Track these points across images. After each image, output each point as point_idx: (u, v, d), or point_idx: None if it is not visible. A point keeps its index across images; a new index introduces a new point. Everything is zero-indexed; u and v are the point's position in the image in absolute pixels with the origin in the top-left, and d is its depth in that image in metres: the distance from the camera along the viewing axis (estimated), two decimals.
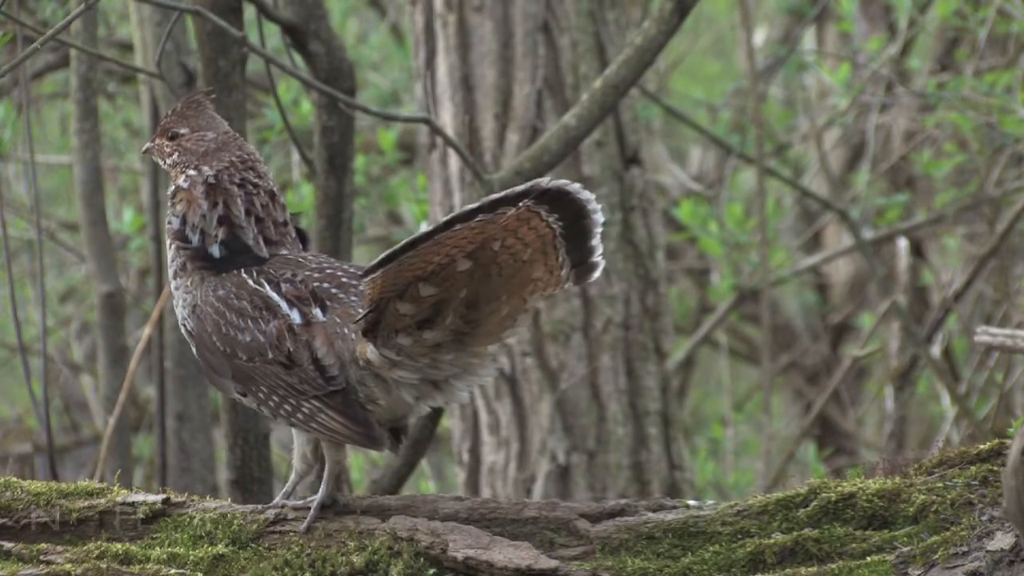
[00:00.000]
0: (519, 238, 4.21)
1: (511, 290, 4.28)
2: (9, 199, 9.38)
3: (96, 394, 9.26)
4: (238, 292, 4.46)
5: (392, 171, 10.00)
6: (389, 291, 4.23)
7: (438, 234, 4.12)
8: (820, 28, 11.57)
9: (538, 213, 4.18)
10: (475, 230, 4.14)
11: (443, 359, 4.33)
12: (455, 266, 4.20)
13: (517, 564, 4.20)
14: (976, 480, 4.32)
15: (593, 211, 4.24)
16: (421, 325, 4.29)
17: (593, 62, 7.82)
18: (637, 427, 7.82)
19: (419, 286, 4.23)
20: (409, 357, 4.31)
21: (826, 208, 9.87)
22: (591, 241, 4.27)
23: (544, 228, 4.20)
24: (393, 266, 4.16)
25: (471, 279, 4.23)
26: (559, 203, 4.19)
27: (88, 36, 6.89)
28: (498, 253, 4.21)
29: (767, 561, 4.25)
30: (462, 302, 4.26)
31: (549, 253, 4.25)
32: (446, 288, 4.24)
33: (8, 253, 6.60)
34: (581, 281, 4.31)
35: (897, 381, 8.76)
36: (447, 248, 4.16)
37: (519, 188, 4.14)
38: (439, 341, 4.30)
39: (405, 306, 4.26)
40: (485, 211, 4.12)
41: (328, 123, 6.20)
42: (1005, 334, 5.79)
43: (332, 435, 4.38)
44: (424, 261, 4.18)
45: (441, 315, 4.28)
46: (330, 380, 4.37)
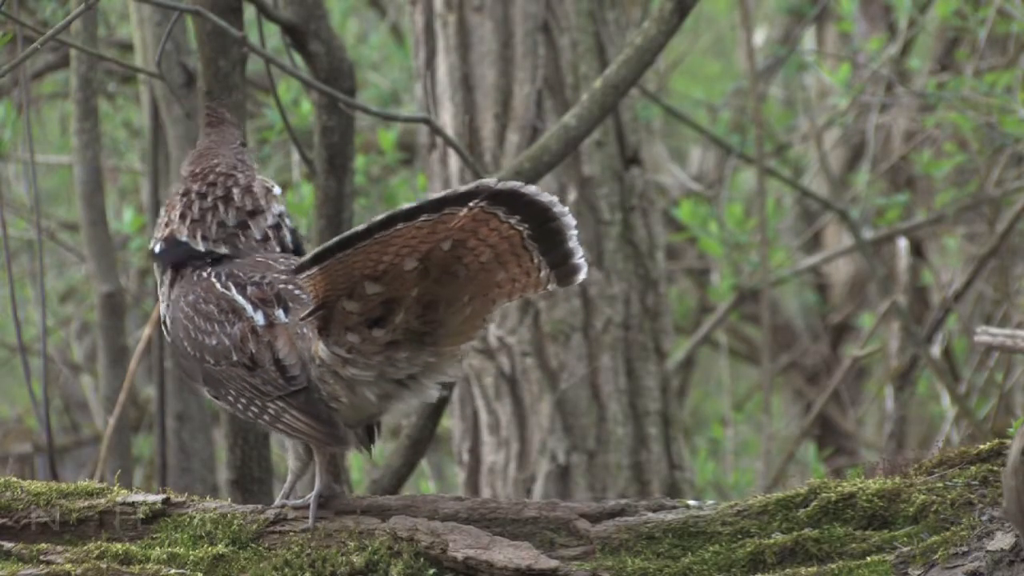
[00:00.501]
0: (480, 239, 4.21)
1: (475, 291, 4.29)
2: (9, 199, 9.38)
3: (96, 394, 9.26)
4: (206, 296, 4.52)
5: (392, 171, 10.00)
6: (335, 289, 4.23)
7: (377, 232, 4.12)
8: (820, 28, 11.57)
9: (495, 215, 4.18)
10: (423, 229, 4.14)
11: (398, 357, 4.34)
12: (402, 265, 4.20)
13: (517, 564, 4.20)
14: (976, 480, 4.32)
15: (560, 214, 4.25)
16: (372, 323, 4.29)
17: (593, 62, 7.82)
18: (637, 427, 7.82)
19: (365, 284, 4.23)
20: (361, 355, 4.32)
21: (826, 208, 9.88)
22: (567, 244, 4.27)
23: (508, 230, 4.21)
24: (332, 263, 4.16)
25: (423, 279, 4.24)
26: (517, 205, 4.19)
27: (88, 36, 6.89)
28: (454, 254, 4.21)
29: (767, 561, 4.25)
30: (415, 301, 4.27)
31: (520, 255, 4.26)
32: (394, 287, 4.24)
33: (8, 253, 6.60)
34: (565, 283, 4.31)
35: (897, 381, 8.76)
36: (393, 247, 4.16)
37: (462, 188, 4.14)
38: (393, 340, 4.31)
39: (352, 304, 4.26)
40: (428, 211, 4.12)
41: (328, 123, 6.20)
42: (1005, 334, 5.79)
43: (298, 435, 4.41)
44: (368, 259, 4.18)
45: (392, 314, 4.28)
46: (291, 380, 4.40)
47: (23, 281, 9.79)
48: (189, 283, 4.57)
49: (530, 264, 4.28)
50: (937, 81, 9.02)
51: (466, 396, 7.92)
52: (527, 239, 4.24)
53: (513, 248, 4.25)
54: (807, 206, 11.38)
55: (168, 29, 6.01)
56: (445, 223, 4.14)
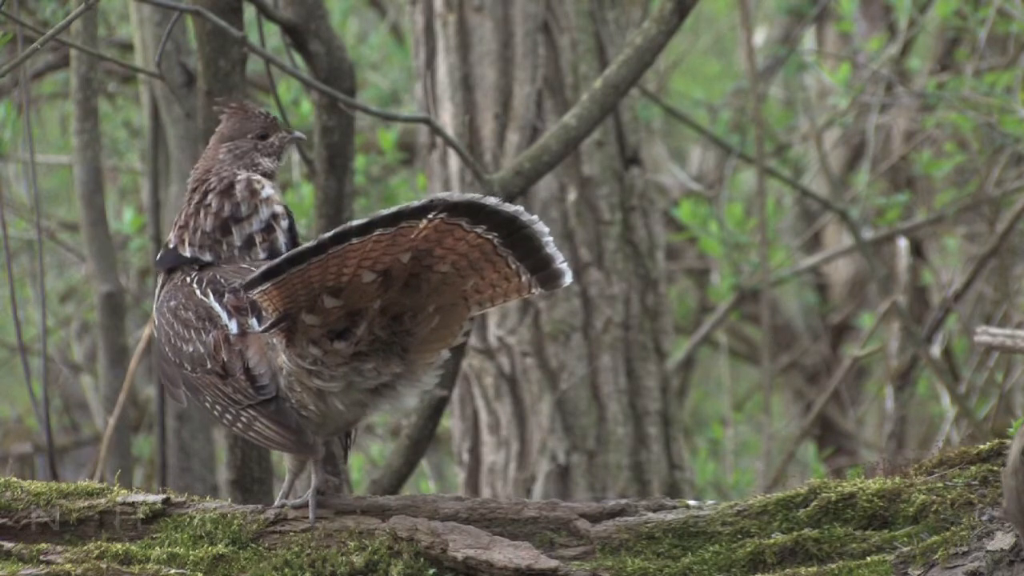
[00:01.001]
0: (448, 249, 4.21)
1: (442, 300, 4.30)
2: (9, 199, 9.38)
3: (96, 394, 9.25)
4: (186, 303, 4.52)
5: (392, 171, 10.00)
6: (294, 302, 4.24)
7: (330, 248, 4.12)
8: (820, 28, 11.57)
9: (458, 225, 4.18)
10: (380, 243, 4.14)
11: (365, 368, 4.34)
12: (360, 278, 4.20)
13: (517, 564, 4.20)
14: (976, 480, 4.32)
15: (530, 222, 4.24)
16: (336, 335, 4.29)
17: (593, 62, 7.82)
18: (637, 427, 7.82)
19: (324, 298, 4.23)
20: (326, 366, 4.32)
21: (826, 208, 9.87)
22: (544, 250, 4.28)
23: (476, 239, 4.21)
24: (286, 278, 4.16)
25: (385, 290, 4.24)
26: (480, 216, 4.19)
27: (88, 36, 6.89)
28: (418, 264, 4.22)
29: (767, 561, 4.25)
30: (379, 313, 4.27)
31: (496, 262, 4.26)
32: (354, 300, 4.24)
33: (8, 253, 6.60)
34: (550, 287, 4.32)
35: (897, 381, 8.76)
36: (352, 260, 4.16)
37: (415, 203, 4.14)
38: (358, 351, 4.31)
39: (312, 317, 4.27)
40: (382, 225, 4.11)
41: (328, 123, 6.19)
42: (1005, 334, 5.79)
43: (268, 443, 4.42)
44: (325, 274, 4.18)
45: (355, 326, 4.28)
46: (260, 389, 4.40)
47: (23, 281, 9.78)
48: (173, 288, 4.58)
49: (508, 270, 4.28)
50: (937, 81, 9.02)
51: (466, 396, 7.92)
52: (499, 246, 4.24)
53: (486, 256, 4.25)
54: (807, 206, 11.38)
55: (168, 29, 6.01)
56: (405, 235, 4.15)
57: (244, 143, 4.72)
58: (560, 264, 4.31)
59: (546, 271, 4.30)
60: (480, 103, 7.86)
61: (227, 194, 4.62)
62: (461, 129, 7.71)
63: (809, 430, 9.85)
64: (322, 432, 4.45)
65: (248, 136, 4.73)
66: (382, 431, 10.19)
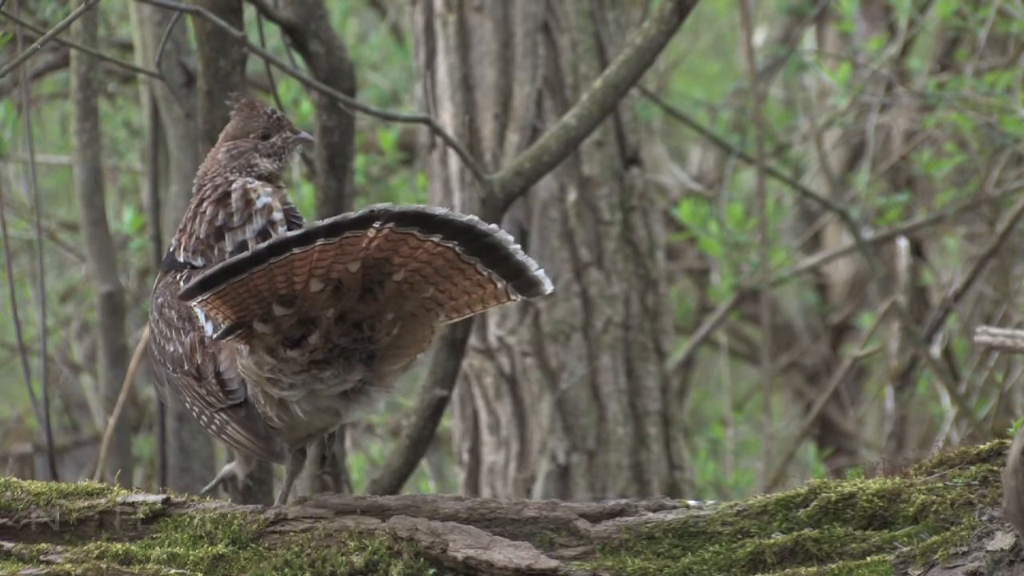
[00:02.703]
0: (405, 257, 4.19)
1: (401, 308, 4.28)
2: (9, 199, 9.38)
3: (96, 394, 9.25)
4: (170, 302, 4.52)
5: (392, 171, 10.00)
6: (245, 311, 4.23)
7: (270, 257, 4.10)
8: (820, 28, 11.57)
9: (411, 234, 4.15)
10: (327, 252, 4.12)
11: (324, 376, 4.33)
12: (309, 288, 4.19)
13: (517, 564, 4.20)
14: (976, 480, 4.32)
15: (489, 231, 4.22)
16: (293, 343, 4.28)
17: (593, 62, 7.82)
18: (637, 427, 7.82)
19: (274, 307, 4.22)
20: (284, 374, 4.32)
21: (826, 208, 9.87)
22: (514, 258, 4.26)
23: (434, 247, 4.19)
24: (227, 288, 4.15)
25: (337, 299, 4.23)
26: (432, 225, 4.16)
27: (88, 36, 6.89)
28: (374, 272, 4.20)
29: (767, 561, 4.25)
30: (336, 321, 4.26)
31: (464, 269, 4.24)
32: (306, 309, 4.23)
33: (8, 253, 6.60)
34: (529, 294, 4.30)
35: (897, 381, 8.76)
36: (300, 269, 4.14)
37: (352, 215, 4.10)
38: (315, 359, 4.30)
39: (263, 326, 4.26)
40: (324, 235, 4.08)
41: (328, 123, 6.19)
42: (1005, 334, 5.79)
43: (239, 447, 4.43)
44: (271, 283, 4.17)
45: (310, 334, 4.27)
46: (230, 394, 4.41)
47: (23, 281, 9.78)
48: (163, 286, 4.58)
49: (480, 276, 4.27)
50: (937, 81, 9.02)
51: (466, 396, 7.92)
52: (463, 254, 4.22)
53: (451, 263, 4.23)
54: (807, 206, 11.38)
55: (168, 29, 6.01)
56: (353, 245, 4.13)
57: (245, 143, 4.66)
58: (535, 272, 4.29)
59: (521, 278, 4.29)
60: (480, 103, 7.87)
61: (222, 203, 4.58)
62: (461, 129, 7.71)
63: (809, 430, 9.85)
64: (293, 438, 4.45)
65: (250, 136, 4.67)
66: (382, 431, 10.19)
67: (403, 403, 10.20)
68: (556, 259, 7.84)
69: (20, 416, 10.24)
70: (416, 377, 10.32)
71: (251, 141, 4.67)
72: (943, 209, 9.40)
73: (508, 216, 6.68)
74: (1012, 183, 9.15)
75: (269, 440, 4.39)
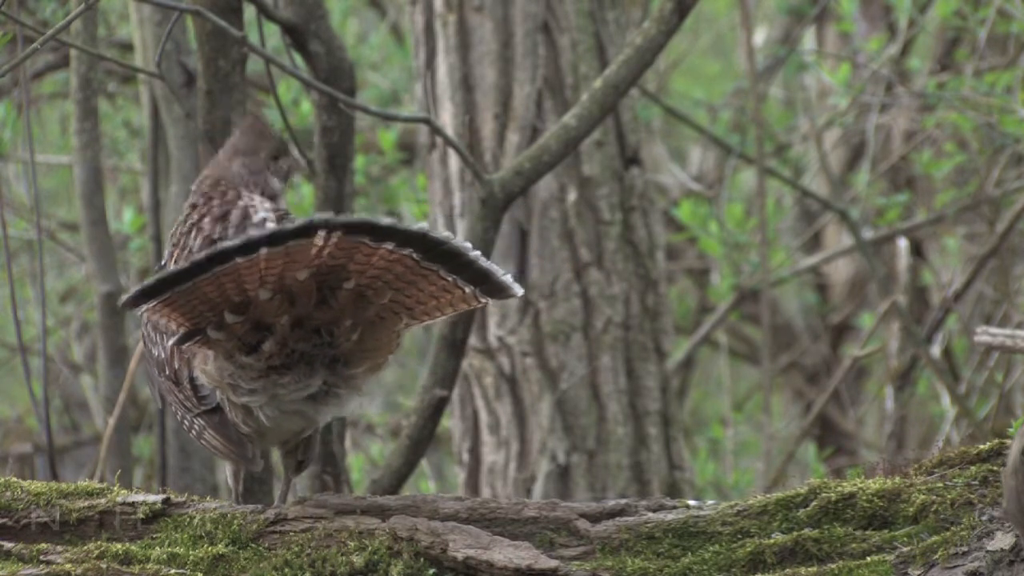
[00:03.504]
0: (362, 264, 4.18)
1: (363, 315, 4.28)
2: (9, 199, 9.38)
3: (96, 394, 9.25)
4: None
5: (392, 171, 10.00)
6: (199, 318, 4.23)
7: (213, 266, 4.10)
8: (820, 28, 11.57)
9: (362, 243, 4.15)
10: (275, 261, 4.12)
11: (283, 381, 4.32)
12: (258, 296, 4.20)
13: (517, 564, 4.20)
14: (976, 480, 4.32)
15: (443, 239, 4.21)
16: (247, 350, 4.29)
17: (593, 62, 7.82)
18: (637, 427, 7.82)
19: (224, 314, 4.23)
20: (242, 380, 4.33)
21: (826, 208, 9.87)
22: (476, 264, 4.26)
23: (391, 255, 4.18)
24: (173, 296, 4.16)
25: (291, 306, 4.23)
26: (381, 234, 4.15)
27: (88, 36, 6.89)
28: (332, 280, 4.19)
29: (767, 561, 4.25)
30: (292, 327, 4.26)
31: (427, 275, 4.24)
32: (258, 316, 4.23)
33: (8, 253, 6.60)
34: (499, 297, 4.31)
35: (897, 381, 8.76)
36: (250, 276, 4.14)
37: (291, 225, 4.09)
38: (274, 365, 4.30)
39: (217, 333, 4.27)
40: (267, 244, 4.08)
41: (328, 123, 6.19)
42: (1005, 334, 5.79)
43: (215, 452, 4.45)
44: (220, 290, 4.17)
45: (264, 341, 4.27)
46: (202, 399, 4.42)
47: (23, 281, 9.78)
48: None
49: (445, 282, 4.27)
50: (937, 81, 9.02)
51: (466, 396, 7.92)
52: (422, 261, 4.22)
53: (411, 270, 4.23)
54: (807, 206, 11.38)
55: (168, 29, 6.00)
56: (302, 253, 4.13)
57: (258, 161, 4.67)
58: (502, 278, 4.29)
59: (488, 283, 4.30)
60: (480, 103, 7.87)
61: (222, 220, 4.58)
62: (461, 129, 7.71)
63: (809, 430, 9.85)
64: (266, 442, 4.46)
65: (260, 154, 4.69)
66: (382, 431, 10.19)
67: (403, 403, 10.20)
68: (556, 259, 7.84)
69: (20, 416, 10.24)
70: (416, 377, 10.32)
71: (263, 160, 4.69)
72: (943, 209, 9.40)
73: (508, 216, 6.67)
74: (1012, 183, 9.15)
75: (241, 444, 4.41)
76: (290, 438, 4.49)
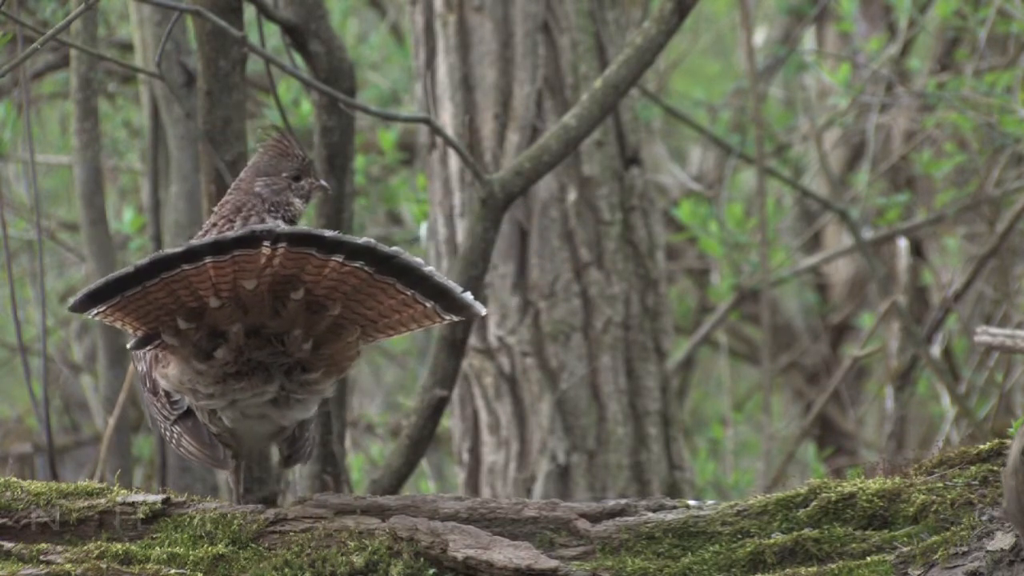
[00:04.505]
0: (314, 276, 4.17)
1: (314, 326, 4.26)
2: (9, 199, 9.38)
3: (96, 394, 9.25)
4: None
5: (392, 171, 10.01)
6: (154, 323, 4.24)
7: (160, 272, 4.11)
8: (820, 28, 11.57)
9: (310, 254, 4.13)
10: (224, 270, 4.12)
11: (238, 387, 4.33)
12: (208, 303, 4.20)
13: (517, 564, 4.20)
14: (976, 480, 4.32)
15: (391, 253, 4.19)
16: (202, 357, 4.28)
17: (593, 62, 7.82)
18: (637, 427, 7.82)
19: (176, 320, 4.23)
20: (200, 385, 4.33)
21: (826, 208, 9.87)
22: (433, 279, 4.23)
23: (341, 267, 4.17)
24: (122, 302, 4.16)
25: (243, 314, 4.23)
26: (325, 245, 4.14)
27: (88, 36, 6.89)
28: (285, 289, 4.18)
29: (767, 561, 4.25)
30: (245, 336, 4.25)
31: (385, 288, 4.22)
32: (211, 323, 4.24)
33: (8, 253, 6.60)
34: (462, 315, 4.29)
35: (897, 381, 8.76)
36: (201, 285, 4.14)
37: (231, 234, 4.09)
38: (229, 372, 4.30)
39: (172, 339, 4.28)
40: (211, 252, 4.08)
41: (328, 123, 6.19)
42: (1005, 334, 5.80)
43: (191, 457, 4.46)
44: (171, 296, 4.18)
45: (217, 348, 4.27)
46: (173, 405, 4.44)
47: (23, 281, 9.78)
48: None
49: (404, 296, 4.25)
50: (937, 81, 9.03)
51: (466, 396, 7.92)
52: (376, 275, 4.20)
53: (366, 283, 4.21)
54: (807, 206, 11.38)
55: (168, 29, 6.01)
56: (250, 263, 4.13)
57: (279, 181, 4.66)
58: (462, 295, 4.26)
59: (447, 300, 4.27)
60: (480, 103, 7.87)
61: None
62: (461, 129, 7.71)
63: (809, 430, 9.85)
64: (242, 445, 4.46)
65: (282, 175, 4.67)
66: (382, 431, 10.19)
67: (403, 403, 10.20)
68: (556, 259, 7.84)
69: (20, 416, 10.24)
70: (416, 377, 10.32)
71: (285, 180, 4.67)
72: (943, 209, 9.40)
73: (508, 216, 6.67)
74: (1012, 183, 9.15)
75: (213, 447, 4.42)
76: (266, 439, 4.49)
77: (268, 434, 4.46)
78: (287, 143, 4.70)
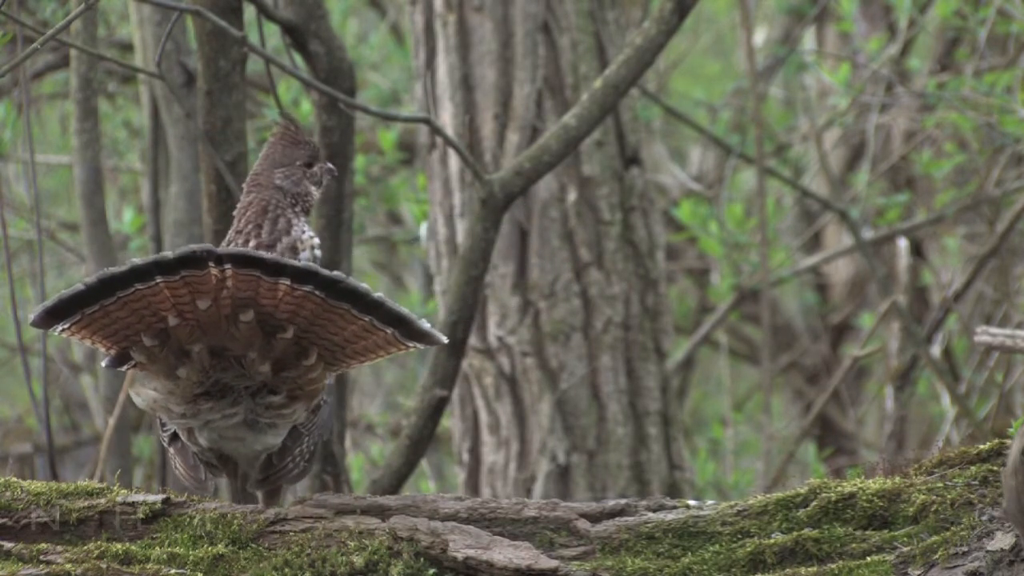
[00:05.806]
0: (269, 300, 4.13)
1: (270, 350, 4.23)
2: (9, 199, 9.38)
3: (96, 394, 9.25)
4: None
5: (392, 171, 10.01)
6: (119, 340, 4.22)
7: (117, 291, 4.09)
8: (820, 28, 11.57)
9: (257, 276, 4.09)
10: (178, 288, 4.10)
11: (205, 408, 4.31)
12: (168, 322, 4.17)
13: (517, 564, 4.20)
14: (976, 480, 4.32)
15: (335, 278, 4.13)
16: (168, 375, 4.26)
17: (593, 62, 7.82)
18: (637, 427, 7.82)
19: (142, 338, 4.21)
20: (172, 403, 4.30)
21: (826, 208, 9.88)
22: (387, 306, 4.17)
23: (291, 291, 4.12)
24: (84, 320, 4.14)
25: (202, 334, 4.20)
26: (268, 268, 4.10)
27: (88, 36, 6.89)
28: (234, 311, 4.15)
29: (767, 561, 4.25)
30: (209, 356, 4.23)
31: (342, 314, 4.17)
32: (174, 342, 4.22)
33: (8, 253, 6.60)
34: (424, 343, 4.24)
35: (897, 381, 8.76)
36: (160, 304, 4.13)
37: (172, 253, 4.06)
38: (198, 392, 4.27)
39: (139, 356, 4.26)
40: (160, 272, 4.07)
41: (328, 123, 6.19)
42: (1005, 334, 5.80)
43: (182, 477, 4.44)
44: (133, 315, 4.15)
45: (181, 366, 4.25)
46: (162, 426, 4.44)
47: (23, 281, 9.78)
48: None
49: (362, 322, 4.19)
50: (937, 81, 9.03)
51: (466, 396, 7.92)
52: (330, 299, 4.15)
53: (321, 307, 4.16)
54: (807, 206, 11.39)
55: (168, 29, 6.01)
56: (203, 283, 4.10)
57: (296, 171, 4.64)
58: (419, 324, 4.21)
59: (405, 327, 4.22)
60: (480, 103, 7.87)
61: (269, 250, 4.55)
62: (461, 129, 7.71)
63: (809, 430, 9.85)
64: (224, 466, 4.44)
65: (296, 163, 4.65)
66: (382, 431, 10.19)
67: (403, 403, 10.20)
68: (556, 259, 7.84)
69: (20, 416, 10.24)
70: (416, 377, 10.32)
71: (300, 169, 4.65)
72: (943, 209, 9.40)
73: (508, 216, 6.68)
74: (1012, 183, 9.16)
75: (196, 469, 4.42)
76: (249, 461, 4.45)
77: (251, 456, 4.42)
78: (296, 130, 4.69)
